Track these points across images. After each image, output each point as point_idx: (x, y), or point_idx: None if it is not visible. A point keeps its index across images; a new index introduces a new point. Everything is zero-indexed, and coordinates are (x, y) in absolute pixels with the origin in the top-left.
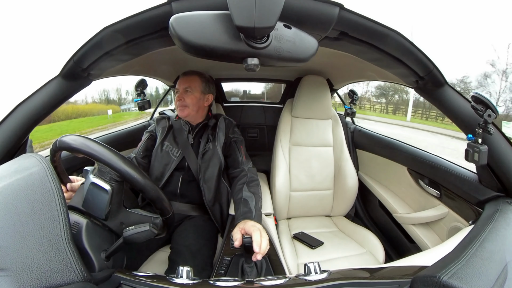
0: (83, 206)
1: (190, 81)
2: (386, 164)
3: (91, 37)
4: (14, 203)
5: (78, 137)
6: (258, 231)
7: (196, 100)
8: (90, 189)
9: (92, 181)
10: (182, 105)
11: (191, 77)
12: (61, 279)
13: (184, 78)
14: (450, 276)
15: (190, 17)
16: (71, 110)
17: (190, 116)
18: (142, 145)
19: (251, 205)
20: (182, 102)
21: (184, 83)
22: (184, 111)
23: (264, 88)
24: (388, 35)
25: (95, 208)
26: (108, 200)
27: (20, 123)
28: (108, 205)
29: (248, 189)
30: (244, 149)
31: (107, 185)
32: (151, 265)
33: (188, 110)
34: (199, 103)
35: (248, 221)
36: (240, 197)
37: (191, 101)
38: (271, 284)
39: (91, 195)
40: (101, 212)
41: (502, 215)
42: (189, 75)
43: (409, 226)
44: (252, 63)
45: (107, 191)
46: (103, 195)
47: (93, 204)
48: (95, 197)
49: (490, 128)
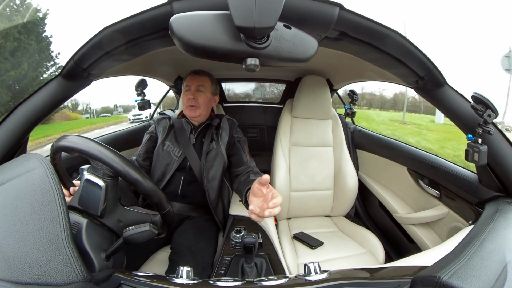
0: (79, 204)
1: (202, 80)
2: (386, 164)
3: (91, 37)
4: (14, 203)
5: (78, 137)
6: (280, 197)
7: (208, 100)
8: (84, 185)
9: (86, 178)
10: (194, 105)
11: (202, 77)
12: (61, 279)
13: (196, 76)
14: (450, 276)
15: (190, 17)
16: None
17: (200, 117)
18: (143, 147)
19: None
20: (195, 102)
21: (197, 81)
22: (196, 111)
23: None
24: (388, 35)
25: (90, 204)
26: (102, 196)
27: (20, 123)
28: (103, 202)
29: (255, 176)
30: (247, 149)
31: (100, 181)
32: (151, 265)
33: (199, 111)
34: (209, 104)
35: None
36: (247, 180)
37: (203, 101)
38: (271, 284)
39: (85, 191)
40: (96, 209)
41: (502, 215)
42: (201, 74)
43: (409, 226)
44: (252, 63)
45: (100, 187)
46: (97, 191)
47: (88, 200)
48: (90, 193)
49: (490, 128)
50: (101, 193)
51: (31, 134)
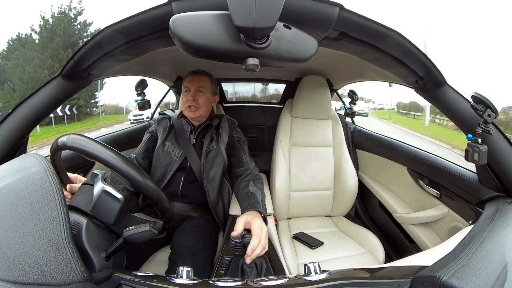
0: (91, 211)
1: (202, 81)
2: (386, 164)
3: (92, 37)
4: (14, 203)
5: (78, 136)
6: (259, 237)
7: (208, 100)
8: (101, 196)
9: (104, 189)
10: (194, 106)
11: (202, 77)
12: (61, 279)
13: (196, 77)
14: (450, 276)
15: (190, 17)
16: None
17: (200, 117)
18: (143, 146)
19: (258, 198)
20: (195, 103)
21: (197, 82)
22: (196, 112)
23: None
24: (388, 35)
25: (104, 214)
26: (119, 209)
27: (20, 123)
28: (118, 213)
29: (255, 184)
30: (247, 149)
31: (119, 194)
32: (151, 265)
33: (199, 112)
34: (209, 104)
35: (256, 219)
36: (247, 191)
37: (203, 102)
38: (271, 284)
39: (101, 202)
40: (110, 219)
41: (502, 215)
42: (201, 74)
43: (409, 226)
44: (252, 63)
45: (119, 200)
46: (115, 204)
47: (103, 211)
48: (106, 204)
49: (490, 128)
50: (119, 206)
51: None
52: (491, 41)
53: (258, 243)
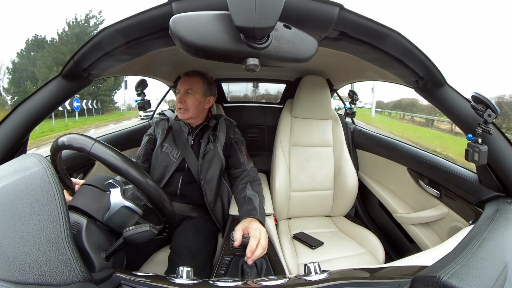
0: (105, 220)
1: (192, 83)
2: (386, 164)
3: (92, 37)
4: (14, 203)
5: (78, 136)
6: (257, 238)
7: (197, 103)
8: (120, 210)
9: (124, 205)
10: (183, 108)
11: (193, 79)
12: (61, 279)
13: (186, 78)
14: (450, 276)
15: (190, 18)
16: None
17: (190, 119)
18: (142, 149)
19: (255, 203)
20: (183, 105)
21: (186, 84)
22: (185, 114)
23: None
24: (388, 35)
25: (119, 226)
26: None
27: (20, 123)
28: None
29: (252, 188)
30: (245, 149)
31: (139, 210)
32: (151, 265)
33: (188, 114)
34: (200, 106)
35: (253, 223)
36: (244, 196)
37: (192, 104)
38: (271, 284)
39: (120, 215)
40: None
41: (502, 215)
42: (191, 76)
43: (409, 226)
44: (252, 63)
45: (138, 215)
46: (133, 218)
47: (120, 223)
48: (125, 218)
49: (490, 128)
50: (135, 220)
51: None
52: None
53: (257, 245)
